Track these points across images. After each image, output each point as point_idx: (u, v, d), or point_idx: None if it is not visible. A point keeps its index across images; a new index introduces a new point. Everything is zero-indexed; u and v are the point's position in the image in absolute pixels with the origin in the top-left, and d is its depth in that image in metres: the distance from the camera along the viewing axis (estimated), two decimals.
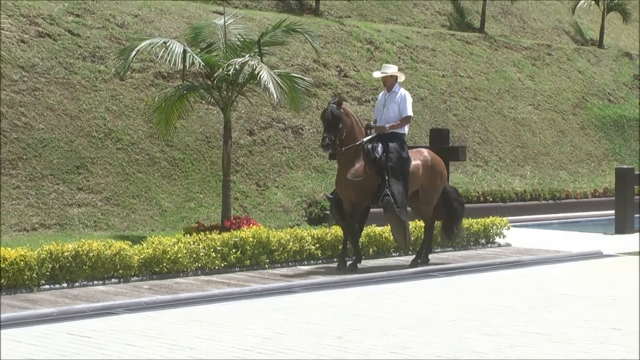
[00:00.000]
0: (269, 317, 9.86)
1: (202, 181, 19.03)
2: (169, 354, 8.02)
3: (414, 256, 14.28)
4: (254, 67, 14.74)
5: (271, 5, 26.44)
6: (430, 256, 14.61)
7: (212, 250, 12.95)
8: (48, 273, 11.42)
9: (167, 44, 15.11)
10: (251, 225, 14.68)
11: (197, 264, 12.74)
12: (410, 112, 13.84)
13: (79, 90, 18.94)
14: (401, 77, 14.16)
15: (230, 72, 14.85)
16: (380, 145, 13.54)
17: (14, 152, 17.15)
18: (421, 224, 14.92)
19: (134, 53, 14.88)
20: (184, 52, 14.94)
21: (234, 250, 13.17)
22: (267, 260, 13.46)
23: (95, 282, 11.80)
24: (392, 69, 14.07)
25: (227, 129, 15.56)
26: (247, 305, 10.68)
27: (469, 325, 9.44)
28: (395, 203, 13.19)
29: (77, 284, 11.61)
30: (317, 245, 14.21)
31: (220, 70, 14.86)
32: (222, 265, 13.03)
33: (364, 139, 13.53)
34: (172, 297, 10.91)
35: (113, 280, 11.96)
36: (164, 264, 12.39)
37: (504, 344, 8.52)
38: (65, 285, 11.51)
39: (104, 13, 21.17)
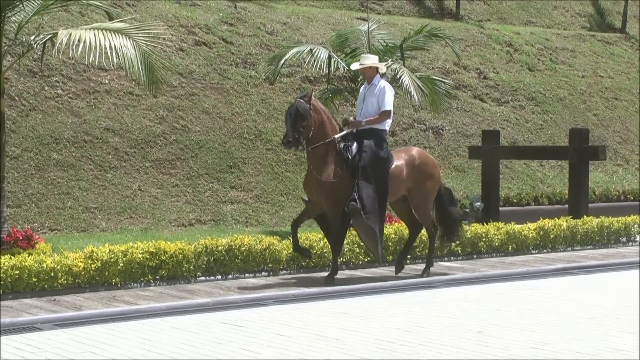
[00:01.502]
0: (410, 310, 9.89)
1: None
2: (316, 343, 8.15)
3: (424, 266, 12.86)
4: (396, 70, 15.01)
5: (412, 10, 26.53)
6: (566, 254, 14.37)
7: (356, 245, 13.02)
8: (204, 265, 11.79)
9: (313, 51, 15.53)
10: (393, 222, 14.51)
11: (341, 258, 12.68)
12: (389, 107, 12.06)
13: (231, 94, 19.57)
14: (382, 69, 12.59)
15: None
16: (355, 143, 11.96)
17: (172, 153, 17.81)
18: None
19: (282, 61, 15.40)
20: (329, 57, 15.33)
21: None
22: (409, 256, 13.36)
23: (247, 274, 12.10)
24: (370, 60, 12.38)
25: None
26: (389, 299, 10.74)
27: (611, 322, 9.21)
28: (363, 209, 11.56)
29: (230, 276, 11.94)
30: (457, 242, 13.92)
31: None
32: (365, 260, 13.11)
33: (336, 136, 11.92)
34: (318, 290, 11.05)
35: (263, 273, 12.23)
36: (311, 259, 12.49)
37: None
38: (219, 277, 11.85)
39: (255, 22, 21.77)
